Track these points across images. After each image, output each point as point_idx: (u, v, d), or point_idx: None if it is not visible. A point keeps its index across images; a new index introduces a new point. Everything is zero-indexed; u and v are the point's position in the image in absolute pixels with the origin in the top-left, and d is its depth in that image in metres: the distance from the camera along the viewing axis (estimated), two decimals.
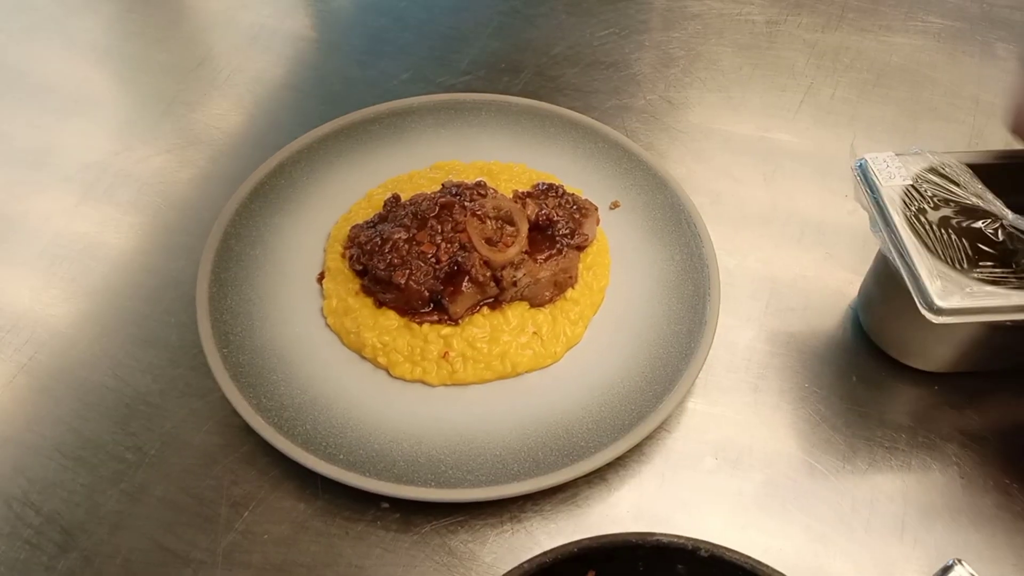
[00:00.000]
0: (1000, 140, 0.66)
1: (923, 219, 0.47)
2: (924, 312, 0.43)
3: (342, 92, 0.71)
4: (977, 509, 0.46)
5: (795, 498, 0.46)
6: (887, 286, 0.49)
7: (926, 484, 0.47)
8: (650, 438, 0.47)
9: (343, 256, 0.53)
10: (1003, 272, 0.45)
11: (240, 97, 0.70)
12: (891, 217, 0.46)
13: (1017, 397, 0.50)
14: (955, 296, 0.43)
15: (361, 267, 0.52)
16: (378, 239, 0.51)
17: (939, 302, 0.42)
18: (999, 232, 0.46)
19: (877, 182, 0.48)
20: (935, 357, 0.50)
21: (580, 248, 0.53)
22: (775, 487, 0.47)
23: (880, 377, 0.51)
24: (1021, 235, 0.45)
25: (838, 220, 0.60)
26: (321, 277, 0.53)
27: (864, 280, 0.54)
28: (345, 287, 0.52)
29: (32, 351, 0.52)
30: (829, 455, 0.48)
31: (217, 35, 0.76)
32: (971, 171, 0.48)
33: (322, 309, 0.52)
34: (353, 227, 0.54)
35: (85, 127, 0.67)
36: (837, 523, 0.45)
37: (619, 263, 0.55)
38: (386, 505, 0.45)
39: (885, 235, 0.46)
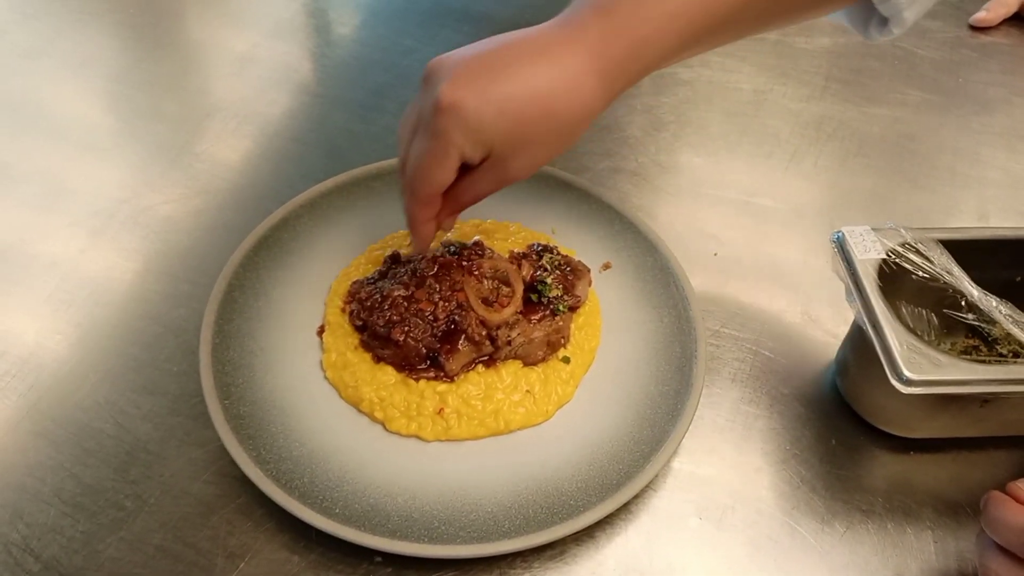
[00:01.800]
0: (973, 211, 0.70)
1: (896, 292, 0.49)
2: (895, 383, 0.45)
3: (345, 146, 0.73)
4: (949, 573, 0.47)
5: (775, 559, 0.48)
6: (861, 354, 0.52)
7: (901, 548, 0.48)
8: (637, 497, 0.49)
9: (343, 311, 0.55)
10: (970, 345, 0.47)
11: (246, 149, 0.72)
12: (865, 289, 0.49)
13: (991, 464, 0.52)
14: (924, 368, 0.45)
15: (360, 323, 0.53)
16: (378, 296, 0.53)
17: (909, 374, 0.45)
18: (966, 307, 0.48)
19: (853, 255, 0.50)
20: (907, 423, 0.52)
21: (573, 309, 0.55)
22: (757, 547, 0.48)
23: (858, 441, 0.53)
24: (985, 312, 0.47)
25: (819, 285, 0.62)
26: (321, 331, 0.55)
27: (841, 346, 0.56)
28: (344, 341, 0.54)
29: (36, 397, 0.53)
30: (809, 517, 0.50)
31: (225, 87, 0.79)
32: (942, 247, 0.50)
33: (321, 362, 0.54)
34: (354, 283, 0.56)
35: (95, 173, 0.69)
36: None
37: (610, 324, 0.57)
38: (379, 559, 0.46)
39: (860, 306, 0.49)
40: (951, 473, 0.52)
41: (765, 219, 0.68)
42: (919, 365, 0.45)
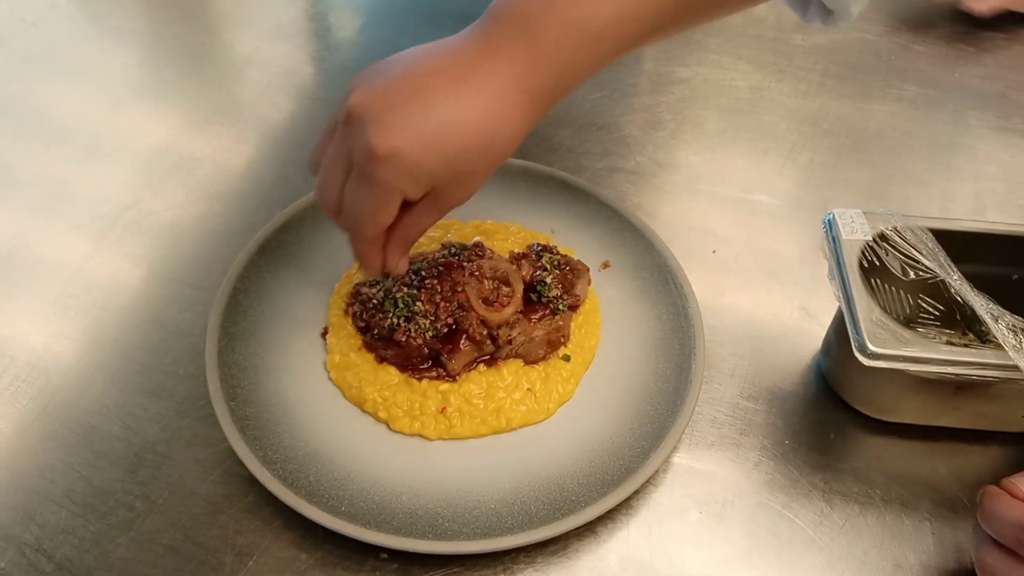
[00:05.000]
0: (970, 205, 0.71)
1: (876, 273, 0.51)
2: (857, 354, 0.47)
3: None
4: (947, 565, 0.48)
5: (775, 552, 0.49)
6: (841, 332, 0.52)
7: (899, 539, 0.49)
8: (637, 492, 0.49)
9: (346, 313, 0.56)
10: (941, 330, 0.48)
11: (248, 153, 0.73)
12: (844, 266, 0.50)
13: (987, 458, 0.53)
14: (888, 343, 0.46)
15: (363, 324, 0.54)
16: (380, 297, 0.54)
17: (871, 346, 0.46)
18: (945, 294, 0.49)
19: (840, 235, 0.52)
20: (880, 404, 0.53)
21: (572, 308, 0.56)
22: (756, 540, 0.49)
23: (856, 435, 0.54)
24: (963, 299, 0.48)
25: (816, 280, 0.63)
26: (325, 332, 0.56)
27: (828, 329, 0.57)
28: (347, 343, 0.54)
29: (45, 401, 0.54)
30: (807, 510, 0.50)
31: (227, 91, 0.80)
32: (932, 235, 0.51)
33: (325, 364, 0.54)
34: (356, 284, 0.57)
35: (98, 178, 0.70)
36: None
37: (609, 322, 0.58)
38: (385, 556, 0.47)
39: (837, 282, 0.50)
40: (948, 466, 0.52)
41: (762, 215, 0.69)
42: (883, 339, 0.46)
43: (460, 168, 0.45)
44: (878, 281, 0.51)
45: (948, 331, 0.50)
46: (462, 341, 0.52)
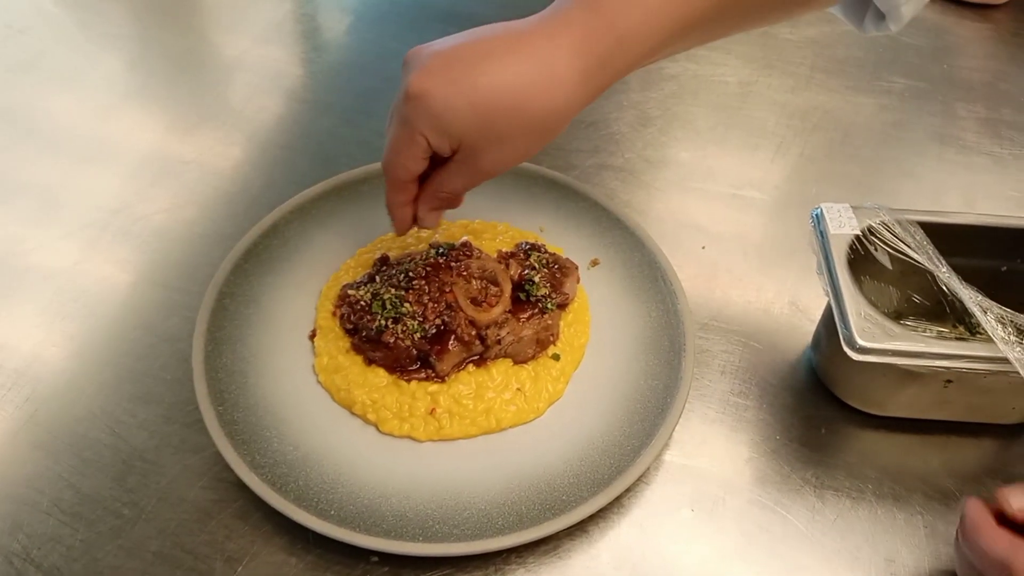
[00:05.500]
0: (960, 197, 0.70)
1: (864, 267, 0.50)
2: (846, 349, 0.47)
3: (333, 151, 0.74)
4: (939, 559, 0.48)
5: (768, 548, 0.49)
6: (830, 327, 0.52)
7: (891, 534, 0.49)
8: (629, 490, 0.49)
9: (334, 315, 0.56)
10: (929, 324, 0.48)
11: (236, 156, 0.73)
12: (832, 261, 0.50)
13: (979, 450, 0.53)
14: (877, 337, 0.46)
15: (351, 326, 0.54)
16: (368, 298, 0.54)
17: (860, 341, 0.46)
18: (934, 287, 0.49)
19: (828, 229, 0.51)
20: (871, 398, 0.53)
21: (561, 306, 0.56)
22: (749, 537, 0.49)
23: (848, 430, 0.54)
24: (952, 292, 0.48)
25: (806, 275, 0.63)
26: (313, 335, 0.56)
27: (817, 324, 0.57)
28: (336, 345, 0.54)
29: (33, 408, 0.54)
30: (799, 505, 0.50)
31: (214, 96, 0.79)
32: (921, 229, 0.51)
33: (313, 367, 0.54)
34: (344, 286, 0.56)
35: (87, 184, 0.70)
36: (808, 572, 0.47)
37: (598, 320, 0.57)
38: (375, 559, 0.47)
39: (826, 277, 0.50)
40: (940, 459, 0.52)
41: (752, 211, 0.69)
42: (872, 334, 0.46)
43: (490, 127, 0.44)
44: (867, 275, 0.51)
45: (937, 324, 0.50)
46: (451, 342, 0.52)
